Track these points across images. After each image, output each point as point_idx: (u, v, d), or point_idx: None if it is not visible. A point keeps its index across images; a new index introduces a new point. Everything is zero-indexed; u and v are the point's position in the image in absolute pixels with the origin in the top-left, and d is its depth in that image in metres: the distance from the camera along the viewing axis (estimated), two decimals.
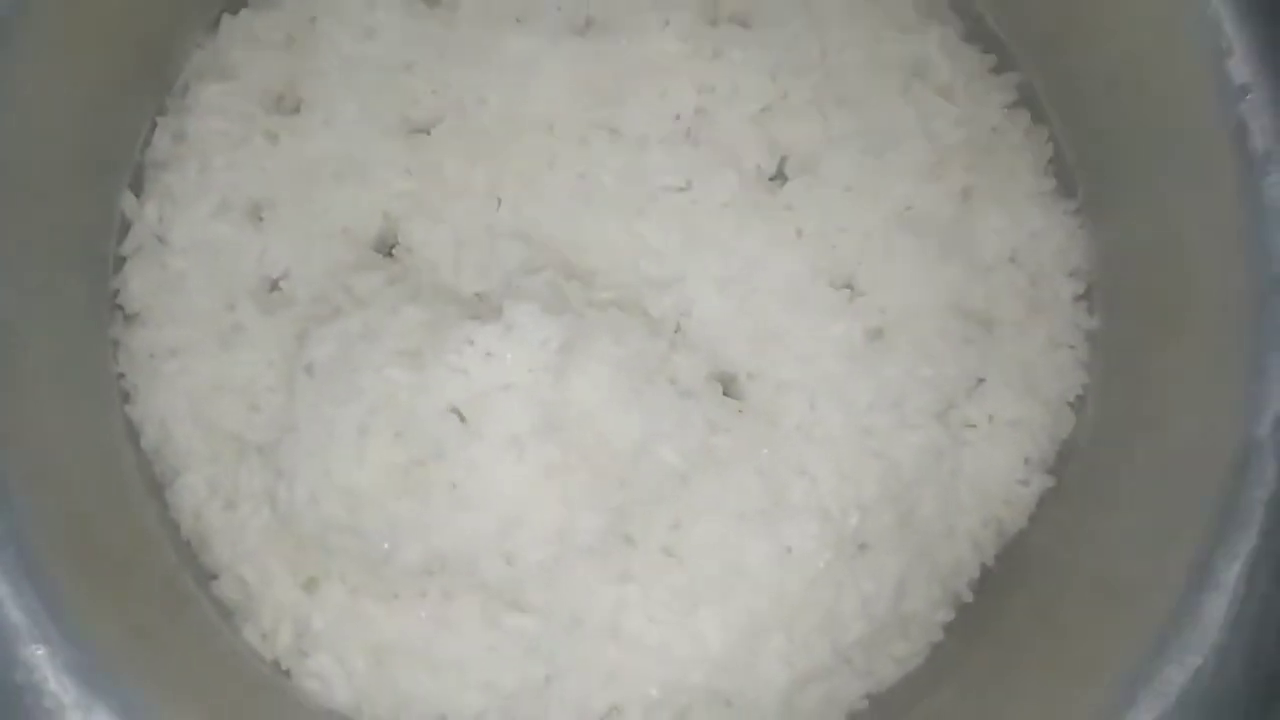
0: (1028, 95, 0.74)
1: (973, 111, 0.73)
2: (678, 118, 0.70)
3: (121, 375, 0.66)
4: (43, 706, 0.51)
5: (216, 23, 0.69)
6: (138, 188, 0.68)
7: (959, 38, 0.74)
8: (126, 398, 0.66)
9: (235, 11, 0.69)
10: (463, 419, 0.61)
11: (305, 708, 0.64)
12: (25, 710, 0.50)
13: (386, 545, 0.62)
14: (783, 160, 0.71)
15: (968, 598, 0.71)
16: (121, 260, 0.67)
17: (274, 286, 0.67)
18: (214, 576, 0.66)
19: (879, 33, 0.72)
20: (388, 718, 0.64)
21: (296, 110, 0.69)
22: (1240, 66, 0.57)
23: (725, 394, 0.68)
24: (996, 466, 0.70)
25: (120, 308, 0.67)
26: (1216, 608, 0.56)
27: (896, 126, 0.71)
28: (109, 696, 0.54)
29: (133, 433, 0.66)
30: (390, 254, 0.69)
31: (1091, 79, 0.70)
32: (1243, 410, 0.60)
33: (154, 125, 0.68)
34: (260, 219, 0.67)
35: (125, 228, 0.67)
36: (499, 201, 0.69)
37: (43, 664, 0.51)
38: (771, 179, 0.71)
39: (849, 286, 0.70)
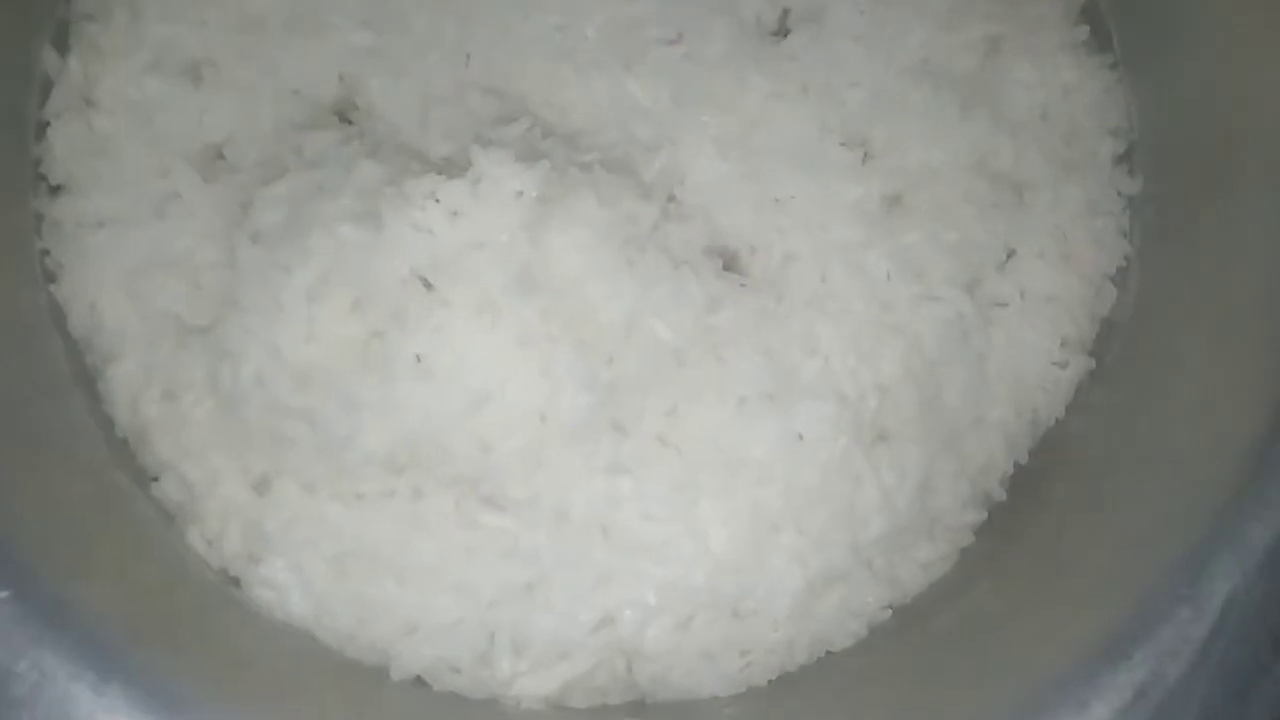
0: None
1: None
2: None
3: (46, 252, 0.59)
4: None
5: None
6: (61, 44, 0.60)
7: None
8: (51, 277, 0.59)
9: None
10: (428, 285, 0.54)
11: (258, 620, 0.57)
12: None
13: (344, 430, 0.54)
14: (784, 10, 0.64)
15: (1000, 496, 0.64)
16: (44, 124, 0.60)
17: (216, 153, 0.60)
18: (154, 477, 0.59)
19: None
20: (350, 630, 0.57)
21: None
22: None
23: (726, 268, 0.61)
24: (1030, 348, 0.63)
25: (44, 177, 0.59)
26: None
27: None
28: (35, 598, 0.47)
29: (59, 315, 0.59)
30: (349, 120, 0.62)
31: None
32: None
33: None
34: (200, 77, 0.60)
35: (48, 88, 0.60)
36: (468, 56, 0.61)
37: None
38: (773, 32, 0.64)
39: (861, 147, 0.62)
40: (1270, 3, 0.58)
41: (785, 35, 0.63)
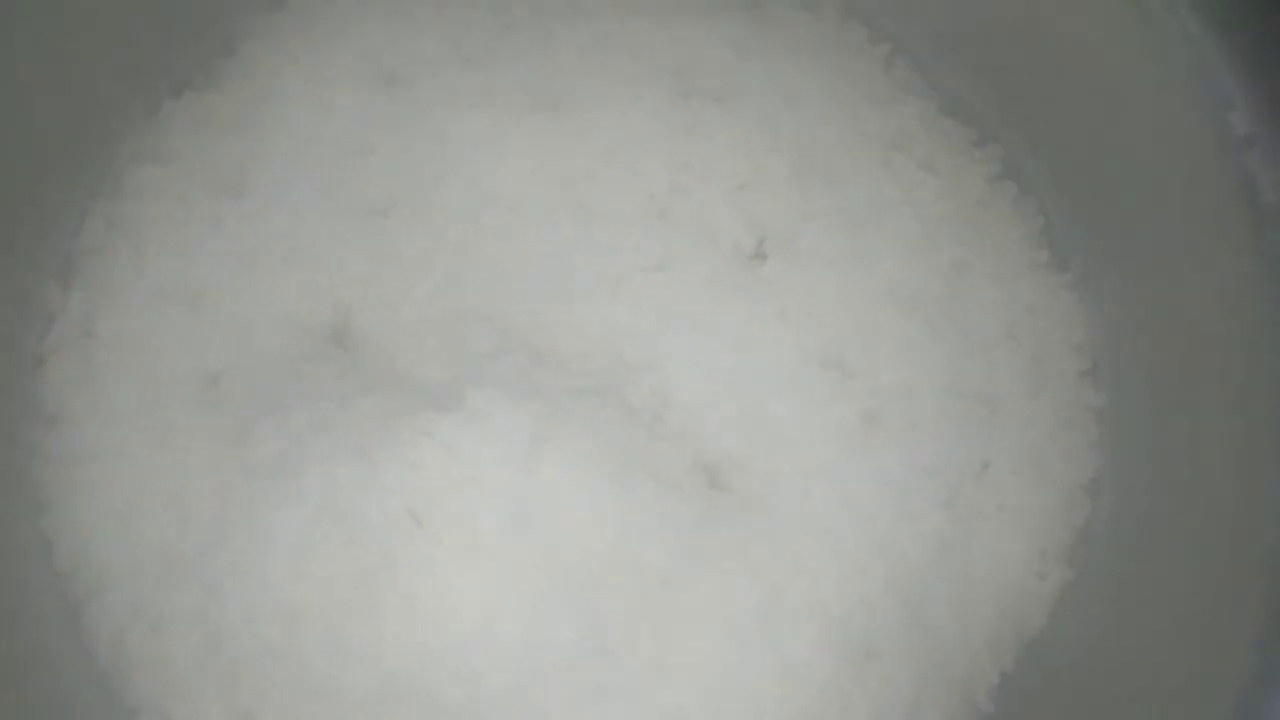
0: (1012, 167, 0.71)
1: (956, 184, 0.70)
2: (651, 196, 0.66)
3: (37, 484, 0.59)
4: None
5: (157, 107, 0.65)
6: (64, 278, 0.62)
7: (938, 111, 0.72)
8: (41, 509, 0.59)
9: (178, 94, 0.65)
10: (418, 522, 0.55)
11: None
12: None
13: (330, 670, 0.54)
14: (761, 238, 0.67)
15: (988, 708, 0.64)
16: (43, 357, 0.61)
17: (213, 381, 0.61)
18: (134, 711, 0.57)
19: (855, 108, 0.70)
20: None
21: (242, 193, 0.64)
22: (1244, 118, 0.54)
23: (711, 486, 0.62)
24: (1010, 559, 0.65)
25: (39, 408, 0.60)
26: None
27: (878, 201, 0.67)
28: None
29: (46, 548, 0.59)
30: (343, 346, 0.63)
31: (1079, 146, 0.68)
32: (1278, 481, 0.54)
33: (85, 213, 0.63)
34: (199, 308, 0.62)
35: (48, 322, 0.61)
36: (461, 285, 0.64)
37: None
38: (751, 257, 0.67)
39: (839, 367, 0.65)
40: (1215, 230, 0.62)
41: (764, 261, 0.66)
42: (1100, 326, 0.68)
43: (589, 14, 0.68)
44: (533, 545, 0.55)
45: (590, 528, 0.57)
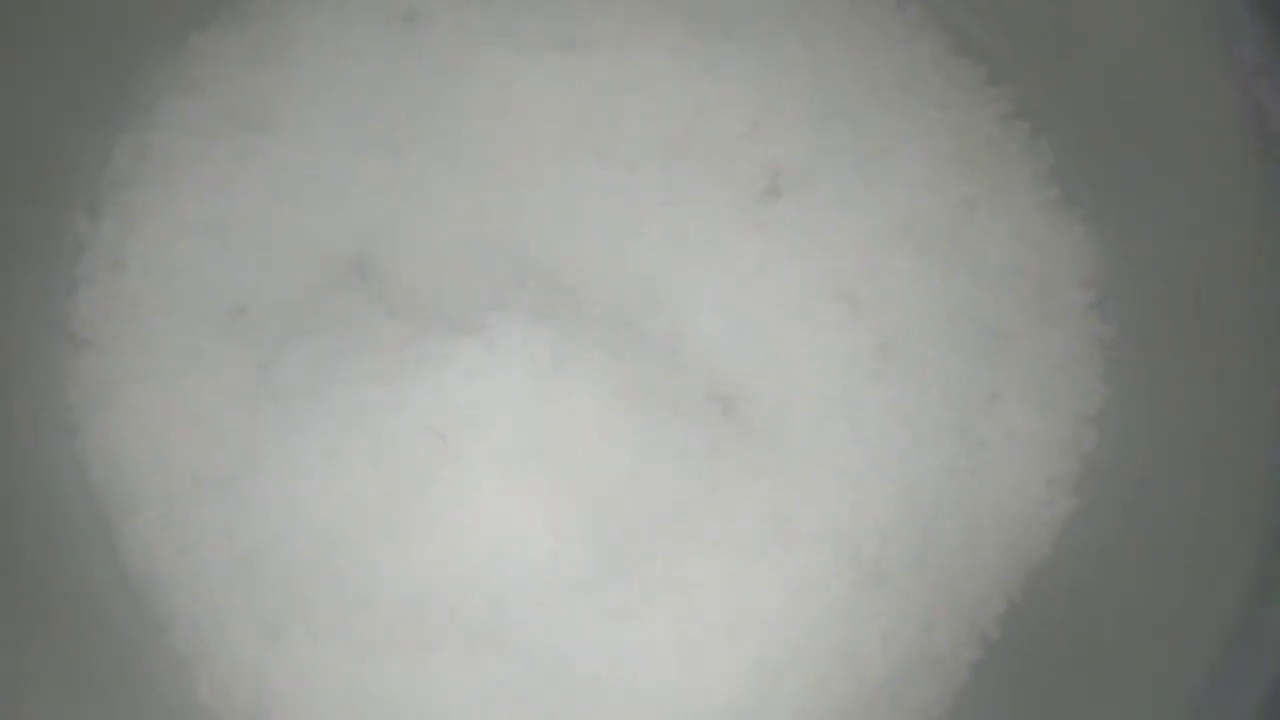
0: (1024, 107, 0.72)
1: (968, 122, 0.70)
2: (666, 134, 0.67)
3: (69, 407, 0.61)
4: None
5: (184, 39, 0.66)
6: (93, 209, 0.63)
7: (949, 51, 0.72)
8: (74, 431, 0.61)
9: (203, 28, 0.66)
10: (444, 441, 0.56)
11: None
12: None
13: (358, 586, 0.56)
14: (775, 175, 0.68)
15: (995, 633, 0.66)
16: (74, 284, 0.62)
17: (239, 310, 0.63)
18: (166, 628, 0.59)
19: (868, 47, 0.71)
20: None
21: (267, 128, 0.66)
22: (1254, 49, 0.55)
23: (724, 415, 0.64)
24: (1018, 488, 0.66)
25: (71, 334, 0.62)
26: None
27: (891, 138, 0.68)
28: None
29: (79, 468, 0.60)
30: (365, 277, 0.65)
31: (1089, 84, 0.68)
32: None
33: (113, 144, 0.64)
34: (226, 239, 0.63)
35: (78, 251, 0.63)
36: (481, 220, 0.65)
37: None
38: (764, 194, 0.68)
39: (850, 301, 0.66)
40: (1226, 163, 0.63)
41: (778, 197, 0.67)
42: (1109, 261, 0.69)
43: None
44: (553, 467, 0.57)
45: (608, 452, 0.58)
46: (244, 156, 0.64)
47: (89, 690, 0.54)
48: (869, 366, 0.64)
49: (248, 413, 0.59)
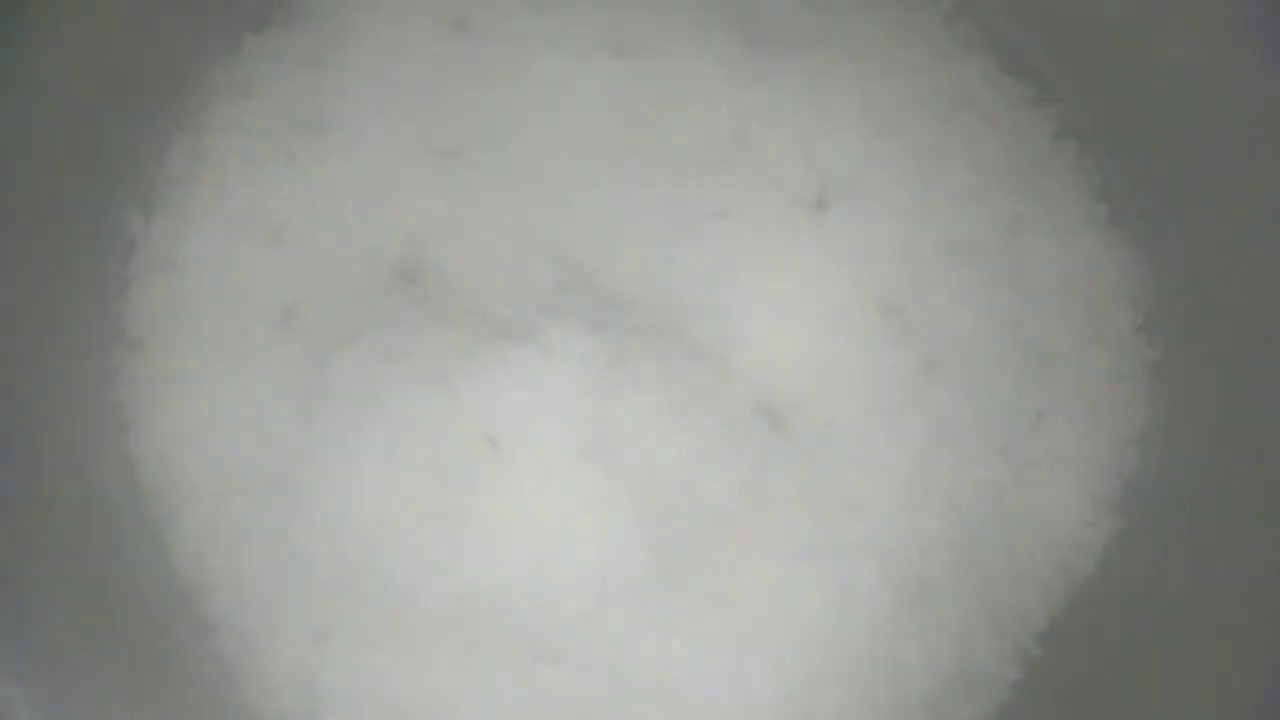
0: (1072, 125, 0.72)
1: (1016, 139, 0.70)
2: (716, 143, 0.68)
3: (120, 405, 0.61)
4: None
5: (238, 42, 0.66)
6: (147, 208, 0.64)
7: (998, 68, 0.72)
8: (125, 430, 0.61)
9: (259, 30, 0.66)
10: (496, 446, 0.56)
11: None
12: None
13: (410, 586, 0.56)
14: (824, 187, 0.68)
15: (1036, 652, 0.66)
16: (126, 283, 0.62)
17: (289, 312, 0.63)
18: (214, 628, 0.59)
19: (918, 62, 0.71)
20: None
21: (319, 130, 0.66)
22: None
23: (772, 427, 0.64)
24: (1062, 507, 0.66)
25: (123, 332, 0.62)
26: None
27: (940, 153, 0.68)
28: None
29: (129, 467, 0.60)
30: (414, 281, 0.65)
31: (1137, 103, 0.69)
32: None
33: (167, 145, 0.64)
34: (278, 240, 0.64)
35: (131, 250, 0.63)
36: (530, 226, 0.65)
37: (17, 706, 0.44)
38: (813, 205, 0.68)
39: (898, 314, 0.66)
40: (1272, 186, 0.63)
41: (826, 209, 0.67)
42: (1156, 281, 0.69)
43: None
44: (603, 474, 0.57)
45: (658, 460, 0.58)
46: (296, 158, 0.65)
47: (136, 688, 0.54)
48: (916, 382, 0.64)
49: (299, 414, 0.59)
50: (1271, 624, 0.56)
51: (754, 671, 0.59)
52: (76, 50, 0.59)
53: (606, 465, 0.57)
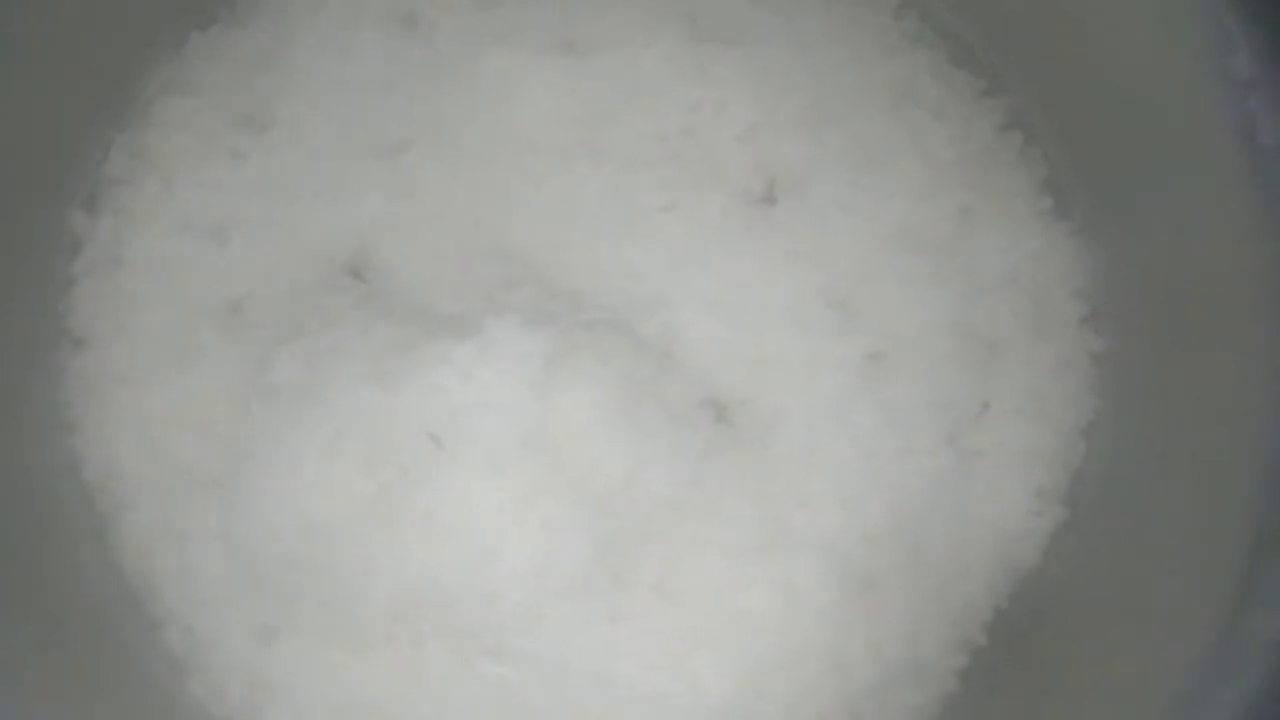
0: (1019, 117, 0.72)
1: (964, 132, 0.71)
2: (663, 138, 0.68)
3: (65, 404, 0.61)
4: None
5: (184, 39, 0.66)
6: (91, 207, 0.64)
7: (946, 61, 0.73)
8: (69, 428, 0.61)
9: (203, 27, 0.66)
10: (438, 443, 0.57)
11: None
12: None
13: (352, 582, 0.56)
14: (771, 180, 0.69)
15: (981, 641, 0.66)
16: (71, 282, 0.62)
17: (235, 309, 0.63)
18: (160, 625, 0.60)
19: (865, 55, 0.71)
20: None
21: (265, 128, 0.66)
22: (1246, 62, 0.55)
23: (718, 420, 0.64)
24: (1007, 498, 0.66)
25: (68, 332, 0.62)
26: (1268, 628, 0.51)
27: (888, 146, 0.68)
28: None
29: (74, 465, 0.60)
30: (362, 278, 0.65)
31: (1083, 96, 0.69)
32: (1272, 422, 0.56)
33: (111, 143, 0.64)
34: (223, 238, 0.64)
35: (76, 248, 0.63)
36: (478, 222, 0.65)
37: None
38: (760, 199, 0.68)
39: (845, 308, 0.66)
40: (1218, 175, 0.63)
41: (773, 203, 0.68)
42: (1102, 273, 0.70)
43: None
44: (547, 468, 0.57)
45: (602, 454, 0.58)
46: (242, 156, 0.65)
47: (82, 685, 0.54)
48: (862, 374, 0.65)
49: (244, 411, 0.59)
50: (1210, 610, 0.57)
51: (700, 664, 0.59)
52: (16, 46, 0.58)
53: (549, 461, 0.57)
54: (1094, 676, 0.62)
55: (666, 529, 0.60)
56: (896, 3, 0.72)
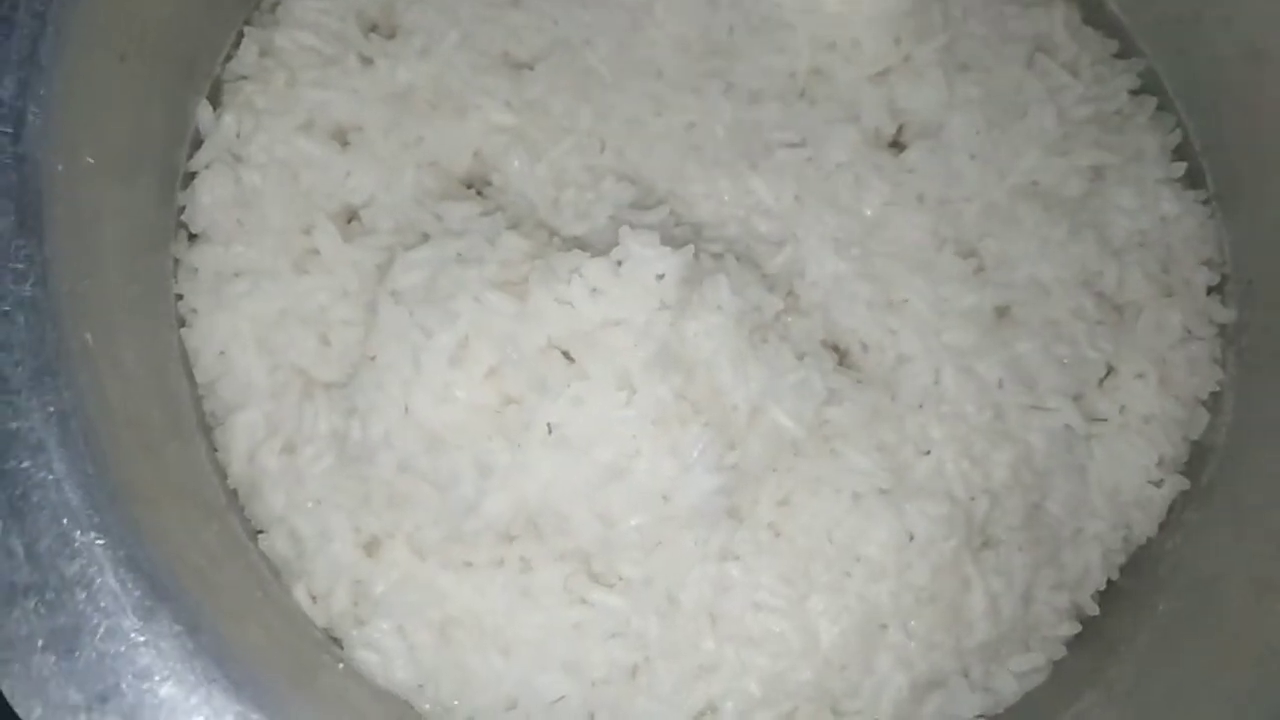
0: (1151, 82, 0.71)
1: (1098, 91, 0.69)
2: (793, 74, 0.66)
3: (179, 297, 0.59)
4: (97, 605, 0.42)
5: None
6: (216, 100, 0.62)
7: (1081, 20, 0.71)
8: (183, 322, 0.59)
9: None
10: (567, 357, 0.55)
11: (358, 683, 0.55)
12: (77, 608, 0.41)
13: (470, 494, 0.54)
14: (901, 125, 0.67)
15: (1093, 610, 0.64)
16: (191, 175, 0.61)
17: (354, 215, 0.62)
18: (260, 530, 0.58)
19: (1001, 8, 0.69)
20: (451, 700, 0.56)
21: (393, 35, 0.64)
22: None
23: (840, 363, 0.62)
24: (1128, 464, 0.65)
25: (184, 225, 0.60)
26: None
27: (1022, 98, 0.67)
28: (172, 603, 0.45)
29: (186, 361, 0.59)
30: (483, 193, 0.63)
31: (1219, 62, 0.67)
32: None
33: (239, 37, 0.63)
34: (346, 142, 0.62)
35: (197, 142, 0.61)
36: (602, 144, 0.64)
37: (100, 555, 0.42)
38: (891, 143, 0.67)
39: (974, 258, 0.65)
40: None
41: (903, 148, 0.66)
42: (1231, 244, 0.68)
43: None
44: (674, 391, 0.55)
45: (730, 385, 0.56)
46: (368, 61, 0.63)
47: (199, 582, 0.52)
48: (990, 325, 0.63)
49: (363, 315, 0.58)
50: None
51: (813, 608, 0.58)
52: None
53: (678, 383, 0.55)
54: (1203, 658, 0.60)
55: (787, 467, 0.58)
56: None
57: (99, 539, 0.43)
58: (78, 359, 0.47)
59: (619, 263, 0.56)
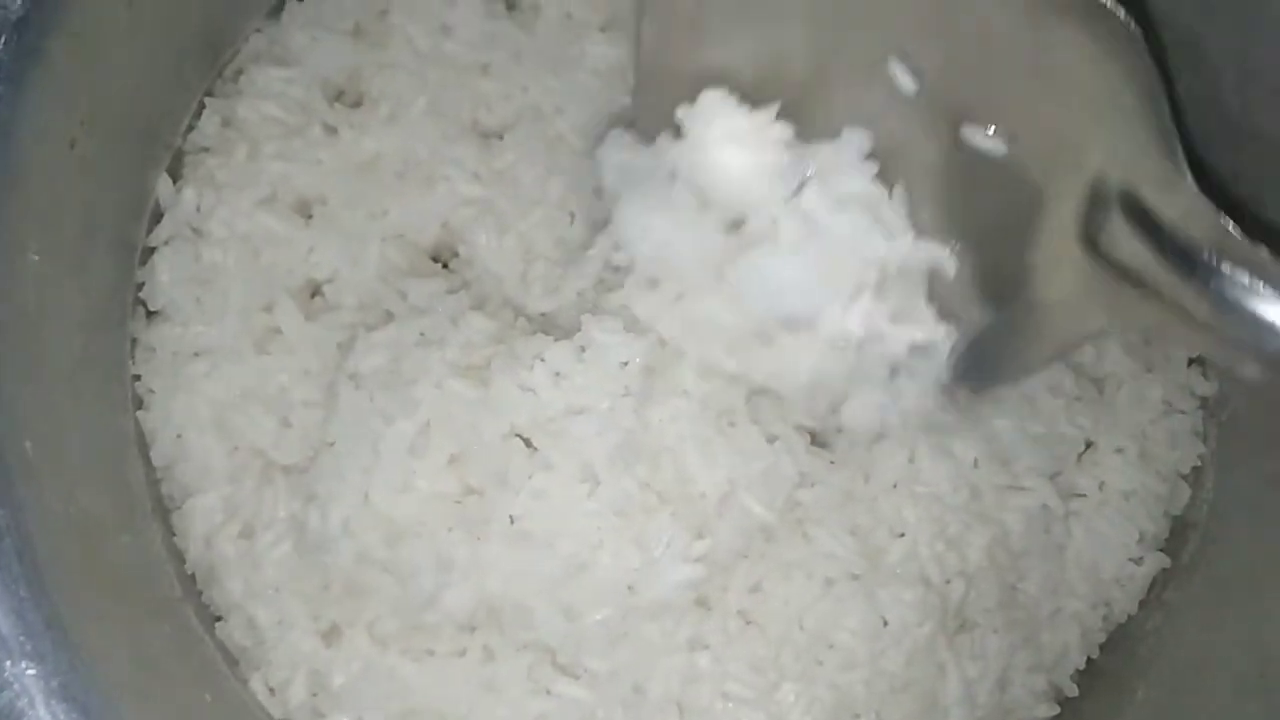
0: None
1: None
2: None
3: (136, 377, 0.58)
4: None
5: (280, 7, 0.63)
6: (177, 173, 0.61)
7: None
8: (140, 403, 0.58)
9: None
10: (529, 445, 0.54)
11: None
12: None
13: (429, 587, 0.53)
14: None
15: (1072, 692, 0.63)
16: (149, 250, 0.60)
17: (317, 291, 0.60)
18: (219, 617, 0.57)
19: None
20: None
21: (359, 104, 0.63)
22: None
23: (813, 443, 0.61)
24: (1107, 542, 0.63)
25: (142, 302, 0.59)
26: None
27: None
28: None
29: (143, 444, 0.58)
30: (450, 267, 0.62)
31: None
32: None
33: (201, 108, 0.62)
34: (310, 215, 0.61)
35: (157, 216, 0.60)
36: (572, 216, 0.62)
37: (31, 686, 0.41)
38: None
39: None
40: None
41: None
42: None
43: None
44: (640, 481, 0.54)
45: (697, 471, 0.55)
46: (333, 131, 0.62)
47: (141, 671, 0.51)
48: (967, 404, 0.62)
49: (323, 397, 0.57)
50: None
51: (784, 698, 0.57)
52: (112, 5, 0.56)
53: (643, 473, 0.54)
54: None
55: (758, 553, 0.57)
56: None
57: (30, 668, 0.42)
58: (16, 472, 0.45)
59: (582, 348, 0.55)
